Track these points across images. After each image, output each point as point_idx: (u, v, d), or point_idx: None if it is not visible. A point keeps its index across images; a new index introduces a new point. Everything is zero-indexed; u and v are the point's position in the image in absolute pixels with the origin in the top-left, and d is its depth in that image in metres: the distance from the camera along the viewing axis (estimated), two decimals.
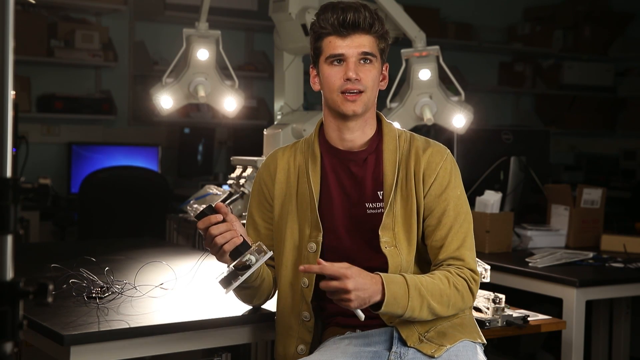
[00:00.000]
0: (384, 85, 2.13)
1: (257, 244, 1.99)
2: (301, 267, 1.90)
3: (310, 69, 2.12)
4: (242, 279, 1.95)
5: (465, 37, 6.69)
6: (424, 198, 2.05)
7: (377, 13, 2.06)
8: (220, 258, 2.00)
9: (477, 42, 6.75)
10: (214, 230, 1.95)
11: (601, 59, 7.21)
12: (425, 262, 2.09)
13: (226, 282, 1.97)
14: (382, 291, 1.89)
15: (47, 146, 5.36)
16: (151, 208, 4.63)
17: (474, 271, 2.04)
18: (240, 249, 1.96)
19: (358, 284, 1.85)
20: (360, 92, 2.03)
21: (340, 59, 2.03)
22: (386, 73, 2.12)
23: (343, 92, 2.03)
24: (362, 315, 1.89)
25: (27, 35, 5.03)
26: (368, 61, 2.03)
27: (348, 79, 2.01)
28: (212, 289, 2.42)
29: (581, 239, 3.66)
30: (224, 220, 1.97)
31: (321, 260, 1.86)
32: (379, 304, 1.90)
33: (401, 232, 2.03)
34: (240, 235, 1.98)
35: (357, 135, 2.09)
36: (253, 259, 1.96)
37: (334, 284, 1.85)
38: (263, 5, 4.73)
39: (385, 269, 2.00)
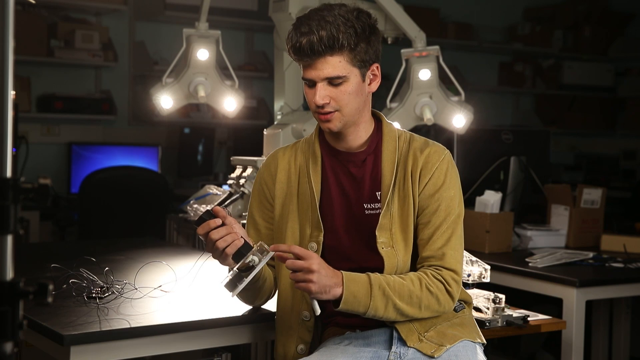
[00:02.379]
0: (374, 87, 2.08)
1: (258, 244, 1.99)
2: (271, 247, 1.93)
3: None
4: (247, 280, 1.94)
5: (465, 37, 6.69)
6: (418, 196, 2.05)
7: (356, 19, 1.96)
8: (223, 262, 1.99)
9: (477, 42, 6.75)
10: (214, 234, 1.94)
11: (601, 59, 7.21)
12: None
13: (232, 285, 1.96)
14: (342, 287, 1.90)
15: (47, 146, 5.36)
16: (151, 208, 4.63)
17: (454, 271, 2.02)
18: (243, 251, 1.95)
19: (322, 267, 1.88)
20: (334, 111, 2.01)
21: (310, 82, 2.01)
22: (378, 72, 2.06)
23: (317, 112, 2.02)
24: (318, 310, 1.92)
25: (27, 35, 5.03)
26: (337, 82, 1.98)
27: (317, 105, 2.00)
28: (211, 289, 2.42)
29: (581, 239, 3.66)
30: (223, 224, 1.96)
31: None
32: (338, 301, 1.91)
33: (398, 233, 2.03)
34: (241, 237, 1.97)
35: (351, 139, 2.08)
36: (256, 259, 1.96)
37: (300, 263, 1.87)
38: (263, 5, 4.74)
39: (382, 270, 2.01)
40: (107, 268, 2.41)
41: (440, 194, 2.04)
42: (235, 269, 1.96)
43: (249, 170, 3.19)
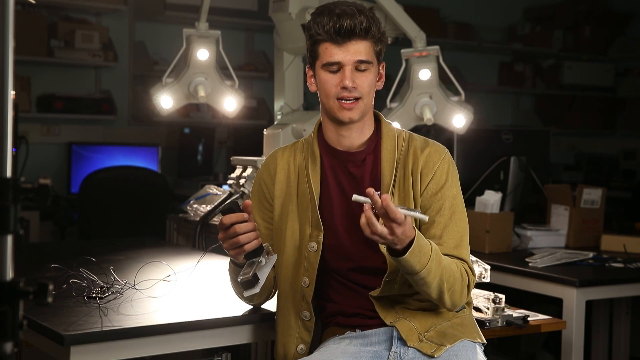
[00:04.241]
0: (380, 85, 2.10)
1: (264, 245, 2.00)
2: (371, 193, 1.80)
3: (307, 69, 2.11)
4: (261, 282, 1.96)
5: (465, 37, 6.69)
6: (420, 196, 2.05)
7: (373, 14, 2.02)
8: (234, 256, 1.99)
9: (477, 42, 6.76)
10: (240, 228, 1.93)
11: (601, 59, 7.21)
12: None
13: (249, 284, 1.97)
14: (413, 237, 1.85)
15: (47, 146, 5.36)
16: (151, 208, 4.63)
17: (472, 271, 2.05)
18: (257, 251, 1.96)
19: (403, 232, 1.81)
20: (357, 99, 2.01)
21: (336, 67, 2.01)
22: (383, 72, 2.10)
23: (339, 99, 2.02)
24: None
25: (27, 35, 5.03)
26: (364, 68, 2.01)
27: (344, 87, 2.00)
28: (211, 288, 2.43)
29: (581, 239, 3.66)
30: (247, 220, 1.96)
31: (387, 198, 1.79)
32: (401, 251, 1.85)
33: None
34: None
35: (355, 136, 2.08)
36: (263, 260, 1.98)
37: (395, 228, 1.79)
38: (263, 5, 4.74)
39: (384, 269, 2.01)
40: (111, 267, 2.41)
41: (443, 192, 2.05)
42: (253, 269, 1.96)
43: (249, 170, 3.19)
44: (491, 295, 2.49)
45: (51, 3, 5.21)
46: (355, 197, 1.82)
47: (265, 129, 3.29)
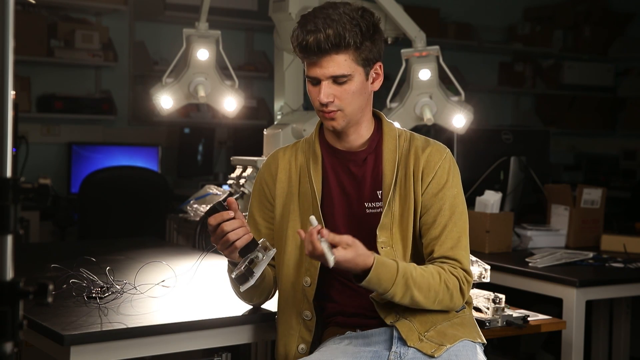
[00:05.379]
0: (377, 86, 2.08)
1: (261, 241, 2.00)
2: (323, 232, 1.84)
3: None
4: (257, 275, 1.96)
5: (465, 37, 6.69)
6: (421, 196, 2.05)
7: (356, 20, 1.96)
8: (229, 255, 1.99)
9: (477, 42, 6.76)
10: (227, 226, 1.94)
11: (601, 59, 7.21)
12: (422, 260, 2.09)
13: (243, 279, 1.97)
14: (369, 268, 1.89)
15: (47, 146, 5.36)
16: (151, 208, 4.63)
17: (467, 272, 2.04)
18: (251, 246, 1.96)
19: (347, 257, 1.85)
20: (337, 110, 2.01)
21: (315, 80, 2.01)
22: (380, 71, 2.07)
23: (321, 110, 2.03)
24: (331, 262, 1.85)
25: (27, 35, 5.03)
26: (342, 81, 1.98)
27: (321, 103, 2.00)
28: (211, 288, 2.43)
29: (581, 239, 3.66)
30: (233, 217, 1.96)
31: (325, 231, 1.84)
32: (361, 277, 1.90)
33: (397, 232, 2.04)
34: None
35: (353, 138, 2.09)
36: (260, 255, 1.97)
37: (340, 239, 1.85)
38: (263, 5, 4.74)
39: None
40: (108, 268, 2.41)
41: (444, 192, 2.05)
42: (246, 263, 1.96)
43: (249, 170, 3.19)
44: (491, 295, 2.49)
45: (51, 3, 5.21)
46: (311, 218, 1.86)
47: (265, 129, 3.28)
